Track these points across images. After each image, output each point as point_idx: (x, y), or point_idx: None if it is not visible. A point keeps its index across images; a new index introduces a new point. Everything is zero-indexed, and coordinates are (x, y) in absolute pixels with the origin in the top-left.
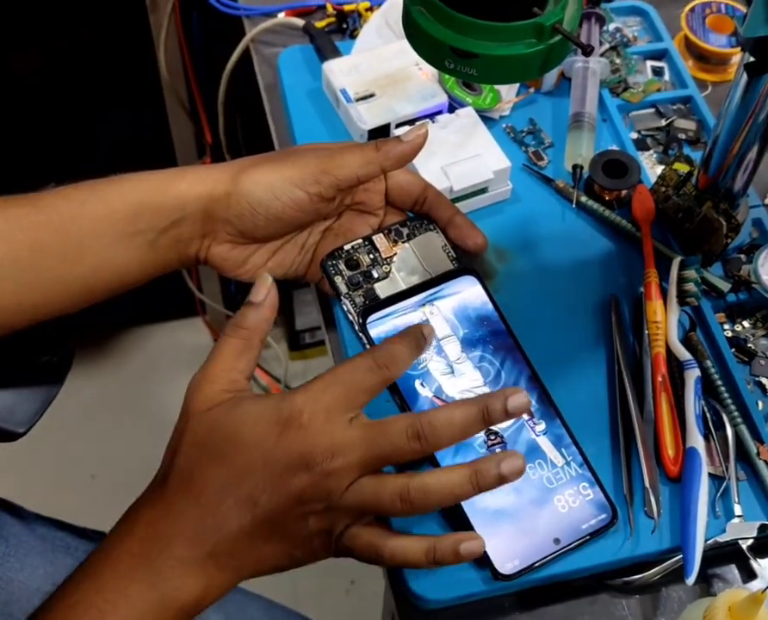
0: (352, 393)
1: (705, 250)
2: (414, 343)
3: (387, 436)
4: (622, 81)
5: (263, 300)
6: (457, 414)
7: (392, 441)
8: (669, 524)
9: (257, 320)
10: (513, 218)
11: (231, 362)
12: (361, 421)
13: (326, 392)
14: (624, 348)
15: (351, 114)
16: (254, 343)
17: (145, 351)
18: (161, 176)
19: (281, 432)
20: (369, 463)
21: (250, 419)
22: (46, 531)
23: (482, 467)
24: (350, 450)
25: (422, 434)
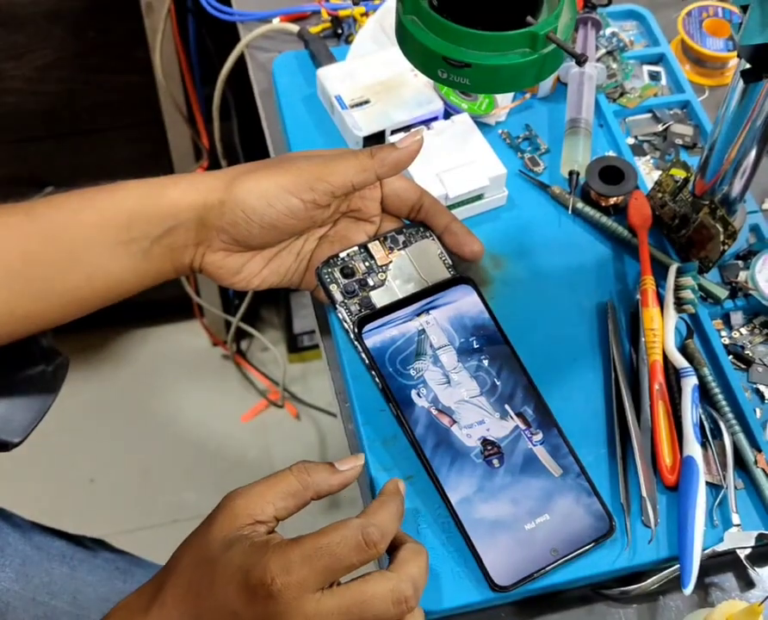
0: (332, 569)
1: (702, 256)
2: (400, 509)
3: (369, 606)
4: (618, 86)
5: (344, 471)
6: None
7: (374, 611)
8: (666, 534)
9: (323, 479)
10: (509, 224)
11: (275, 495)
12: (331, 589)
13: (304, 565)
14: (621, 356)
15: (346, 121)
16: (307, 494)
17: (143, 354)
18: (154, 184)
19: (248, 599)
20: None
21: (228, 568)
22: (41, 540)
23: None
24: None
25: (406, 597)
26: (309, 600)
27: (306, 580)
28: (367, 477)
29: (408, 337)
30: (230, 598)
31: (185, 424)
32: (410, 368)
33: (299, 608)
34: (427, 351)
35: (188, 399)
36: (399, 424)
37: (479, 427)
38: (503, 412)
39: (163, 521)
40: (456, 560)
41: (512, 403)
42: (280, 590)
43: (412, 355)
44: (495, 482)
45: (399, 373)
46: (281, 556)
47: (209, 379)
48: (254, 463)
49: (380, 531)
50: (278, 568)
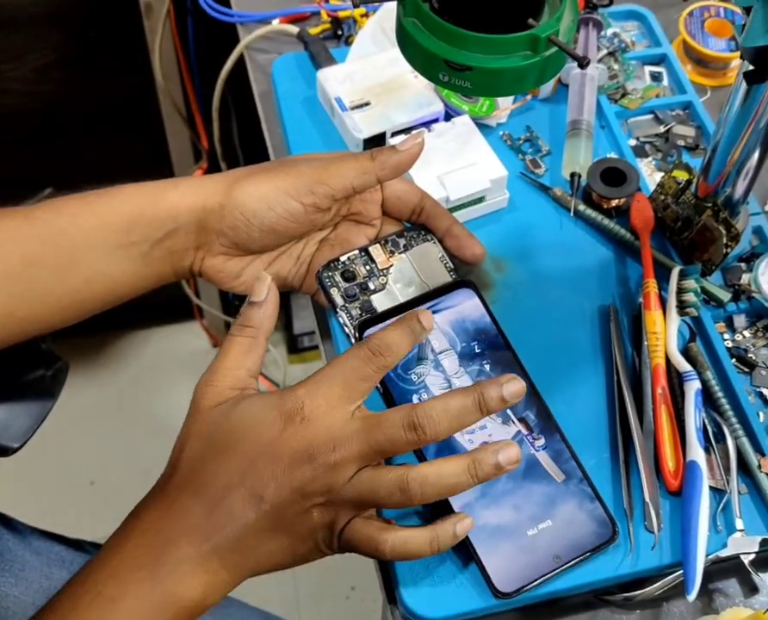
0: (350, 383)
1: (705, 259)
2: (409, 330)
3: (384, 427)
4: (620, 87)
5: (265, 297)
6: (453, 403)
7: (388, 432)
8: (670, 539)
9: (261, 318)
10: (510, 227)
11: (238, 360)
12: (360, 414)
13: (325, 384)
14: (623, 359)
15: (346, 123)
16: (260, 340)
17: (142, 356)
18: (154, 188)
19: (283, 426)
20: (368, 455)
21: (253, 415)
22: (41, 545)
23: (479, 456)
24: (350, 442)
25: (417, 424)
26: (336, 420)
27: (330, 398)
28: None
29: None
30: (253, 446)
31: None
32: (411, 373)
33: (327, 426)
34: (428, 356)
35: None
36: None
37: (480, 432)
38: (505, 417)
39: None
40: (459, 566)
41: (514, 408)
42: (312, 411)
43: (414, 359)
44: (497, 488)
45: (401, 378)
46: (305, 384)
47: None
48: None
49: (385, 343)
50: (305, 393)
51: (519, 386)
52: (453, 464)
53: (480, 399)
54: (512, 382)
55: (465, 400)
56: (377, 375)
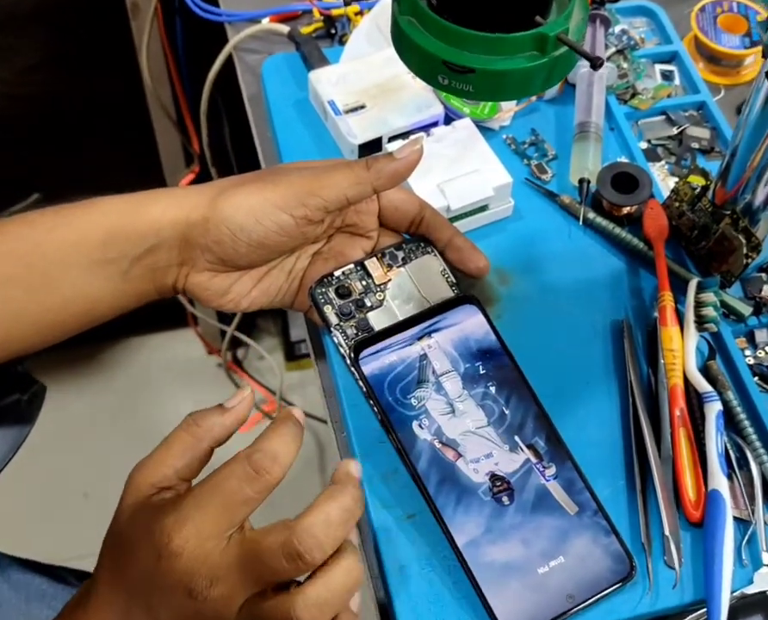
0: (228, 508)
1: (724, 270)
2: (292, 431)
3: (263, 559)
4: (629, 87)
5: (233, 407)
6: (333, 512)
7: (269, 565)
8: (691, 575)
9: (214, 423)
10: (515, 237)
11: (172, 457)
12: (238, 537)
13: (198, 512)
14: (638, 379)
15: (340, 128)
16: (202, 445)
17: (136, 364)
18: (134, 200)
19: (156, 560)
20: (252, 586)
21: (137, 536)
22: (21, 578)
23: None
24: (229, 575)
25: (301, 551)
26: (211, 551)
27: (203, 527)
28: (366, 516)
29: (409, 363)
30: (143, 565)
31: None
32: (411, 397)
33: (201, 560)
34: (429, 378)
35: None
36: (400, 458)
37: (486, 461)
38: (512, 444)
39: None
40: (464, 607)
41: (522, 434)
42: (182, 545)
43: (413, 382)
44: (505, 522)
45: (400, 402)
46: (173, 511)
47: (205, 389)
48: None
49: (268, 456)
50: (172, 523)
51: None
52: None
53: (356, 495)
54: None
55: (345, 502)
56: (261, 497)
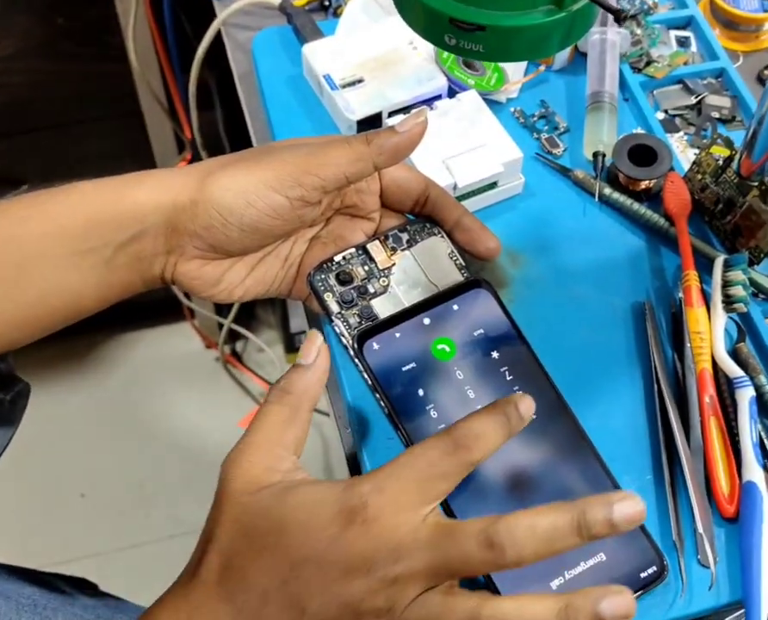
0: (426, 480)
1: (752, 246)
2: (504, 418)
3: (457, 540)
4: (644, 54)
5: (314, 361)
6: (542, 522)
7: (461, 547)
8: (727, 574)
9: (306, 384)
10: (527, 216)
11: (276, 434)
12: (433, 520)
13: (396, 480)
14: (663, 364)
15: (337, 103)
16: (302, 413)
17: (132, 360)
18: (115, 184)
19: (341, 528)
20: (437, 573)
21: (305, 508)
22: (10, 587)
23: (576, 603)
24: (416, 555)
25: (497, 542)
26: (405, 525)
27: (400, 498)
28: None
29: (417, 352)
30: (314, 532)
31: (179, 432)
32: (420, 388)
33: (393, 533)
34: (440, 368)
35: (181, 406)
36: None
37: (503, 456)
38: (530, 439)
39: (159, 536)
40: None
41: (541, 425)
42: (376, 512)
43: (422, 373)
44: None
45: (408, 395)
46: (371, 478)
47: (203, 384)
48: None
49: (473, 432)
50: (370, 489)
51: (637, 507)
52: (540, 606)
53: (580, 521)
54: (627, 503)
55: (559, 519)
56: (460, 474)
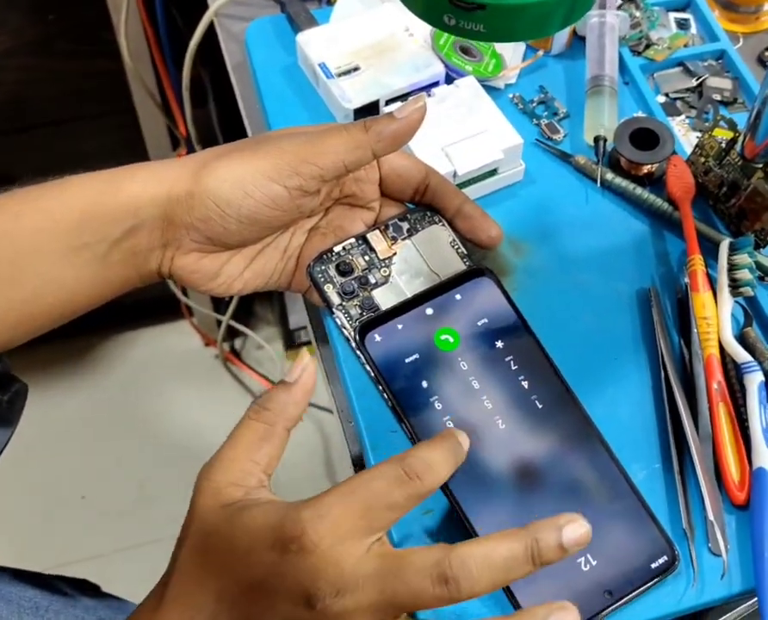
0: (372, 510)
1: (757, 229)
2: (451, 449)
3: (406, 576)
4: (643, 37)
5: (297, 379)
6: (498, 552)
7: (411, 584)
8: (738, 562)
9: (285, 402)
10: (528, 203)
11: (247, 450)
12: (378, 550)
13: (339, 507)
14: (670, 351)
15: (333, 92)
16: (277, 429)
17: (131, 359)
18: (110, 177)
19: (280, 554)
20: (382, 609)
21: (250, 533)
22: (11, 591)
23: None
24: (360, 589)
25: (450, 577)
26: (347, 556)
27: (341, 527)
28: None
29: (420, 343)
30: (254, 559)
31: (180, 431)
32: (423, 380)
33: (334, 564)
34: (443, 359)
35: (181, 405)
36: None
37: (510, 445)
38: (537, 429)
39: (160, 536)
40: (492, 609)
41: (547, 415)
42: (315, 541)
43: (426, 364)
44: (532, 514)
45: (412, 387)
46: (312, 504)
47: (203, 382)
48: None
49: (423, 462)
50: (309, 515)
51: (581, 530)
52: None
53: (533, 549)
54: (572, 526)
55: (514, 548)
56: (408, 506)
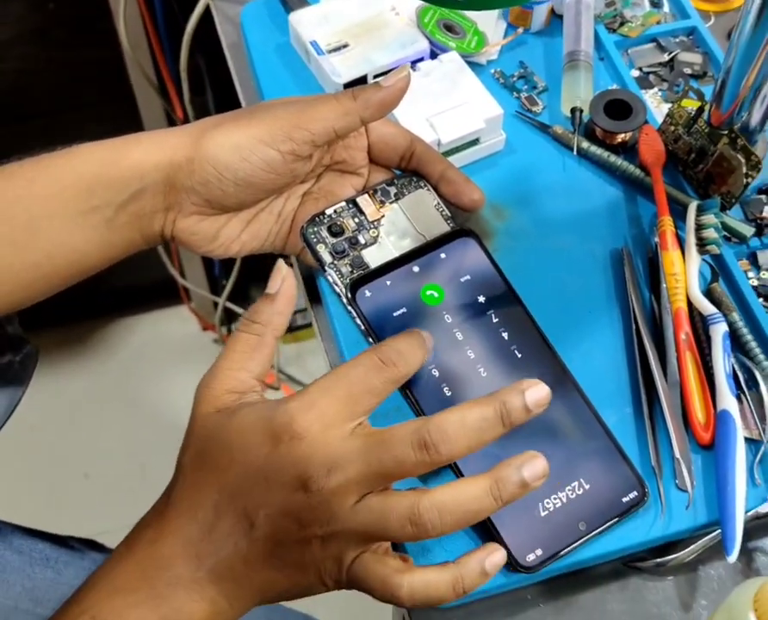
0: (354, 396)
1: (723, 191)
2: (418, 342)
3: (389, 445)
4: (617, 15)
5: (278, 289)
6: (470, 416)
7: (394, 452)
8: (704, 497)
9: (270, 313)
10: (509, 171)
11: (240, 359)
12: (364, 431)
13: (323, 397)
14: (641, 305)
15: (324, 68)
16: (266, 339)
17: (131, 343)
18: (115, 145)
19: (273, 445)
20: (371, 479)
21: (243, 429)
22: (22, 543)
23: (502, 474)
24: (348, 464)
25: (429, 442)
26: (333, 439)
27: (327, 414)
28: None
29: (407, 298)
30: (245, 460)
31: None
32: None
33: (322, 446)
34: (429, 312)
35: (181, 388)
36: (402, 395)
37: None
38: (517, 376)
39: None
40: (476, 541)
41: (527, 365)
42: (304, 429)
43: (413, 317)
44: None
45: None
46: (299, 397)
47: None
48: None
49: (395, 351)
50: (298, 407)
51: (542, 392)
52: (472, 487)
53: (502, 411)
54: (534, 388)
55: (485, 412)
56: (385, 390)
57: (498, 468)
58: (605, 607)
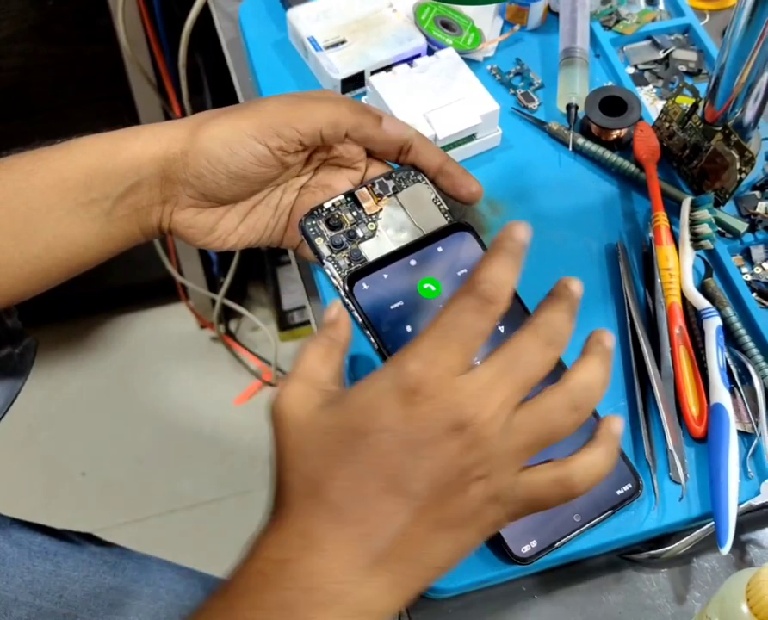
0: (467, 344)
1: (717, 187)
2: (510, 256)
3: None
4: (613, 12)
5: (336, 316)
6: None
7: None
8: (697, 489)
9: (335, 333)
10: (505, 166)
11: (316, 365)
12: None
13: (441, 351)
14: (635, 300)
15: (321, 64)
16: (335, 353)
17: (129, 341)
18: (115, 137)
19: (411, 408)
20: (518, 392)
21: (366, 406)
22: (22, 536)
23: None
24: (492, 391)
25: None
26: (465, 382)
27: (450, 365)
28: None
29: (404, 292)
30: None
31: (177, 410)
32: (408, 325)
33: (460, 390)
34: (426, 305)
35: (178, 385)
36: None
37: None
38: None
39: (159, 511)
40: None
41: None
42: (435, 387)
43: (410, 310)
44: None
45: (397, 331)
46: (414, 357)
47: (199, 363)
48: (250, 446)
49: (493, 285)
50: (420, 369)
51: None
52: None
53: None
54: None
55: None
56: (491, 328)
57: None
58: (600, 599)
